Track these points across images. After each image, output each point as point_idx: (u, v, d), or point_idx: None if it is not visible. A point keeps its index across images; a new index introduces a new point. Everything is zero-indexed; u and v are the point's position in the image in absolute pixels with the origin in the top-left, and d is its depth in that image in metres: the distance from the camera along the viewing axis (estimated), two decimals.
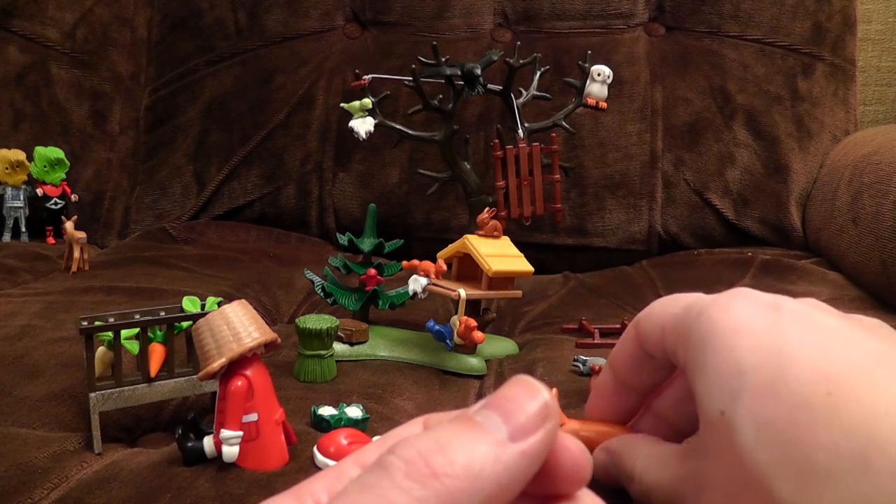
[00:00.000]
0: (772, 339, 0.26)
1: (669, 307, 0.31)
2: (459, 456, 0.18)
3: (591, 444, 0.35)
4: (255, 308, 0.52)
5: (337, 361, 0.69)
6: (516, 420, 0.19)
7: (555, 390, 0.32)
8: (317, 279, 0.79)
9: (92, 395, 0.52)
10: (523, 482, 0.19)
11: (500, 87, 0.83)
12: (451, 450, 0.18)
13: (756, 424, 0.25)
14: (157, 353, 0.54)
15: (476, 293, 0.70)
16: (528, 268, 0.73)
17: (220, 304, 0.57)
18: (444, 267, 0.71)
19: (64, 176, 1.22)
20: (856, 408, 0.23)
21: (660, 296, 1.02)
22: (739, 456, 0.25)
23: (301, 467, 0.50)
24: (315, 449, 0.51)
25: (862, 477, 0.22)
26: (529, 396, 0.19)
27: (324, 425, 0.55)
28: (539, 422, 0.19)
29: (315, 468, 0.49)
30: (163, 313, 0.56)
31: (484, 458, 0.18)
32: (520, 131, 0.82)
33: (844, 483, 0.23)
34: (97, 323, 0.52)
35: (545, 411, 0.19)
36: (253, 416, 0.49)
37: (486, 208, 0.77)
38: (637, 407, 0.35)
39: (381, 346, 0.74)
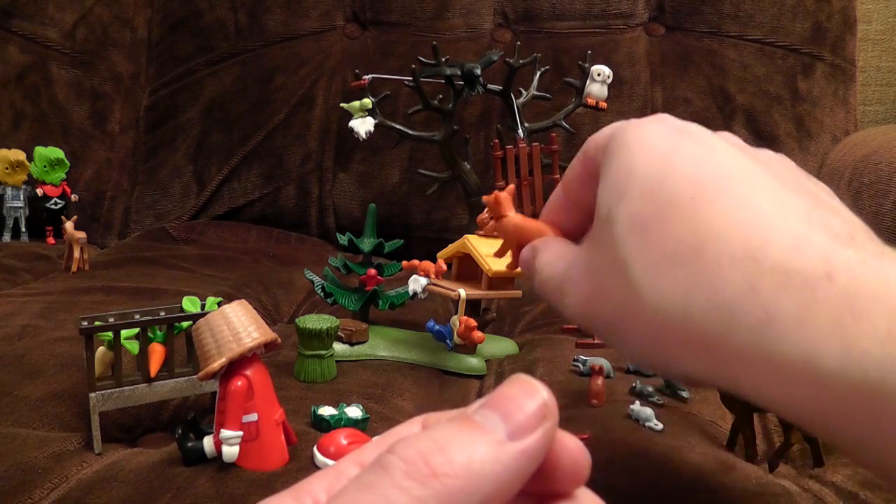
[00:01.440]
0: (665, 152, 0.29)
1: (609, 128, 0.34)
2: (459, 455, 0.18)
3: (524, 235, 0.39)
4: (255, 308, 0.52)
5: (337, 361, 0.69)
6: (515, 419, 0.19)
7: (511, 187, 0.37)
8: (317, 279, 0.79)
9: (92, 395, 0.52)
10: (522, 481, 0.19)
11: (500, 87, 0.83)
12: (450, 449, 0.18)
13: (629, 219, 0.29)
14: (157, 353, 0.54)
15: (476, 293, 0.70)
16: None
17: (220, 304, 0.57)
18: (444, 267, 0.72)
19: (64, 176, 1.22)
20: (708, 208, 0.27)
21: None
22: (613, 246, 0.29)
23: (301, 467, 0.50)
24: (315, 449, 0.51)
25: (697, 262, 0.26)
26: (528, 396, 0.19)
27: (324, 425, 0.55)
28: (537, 421, 0.19)
29: (315, 468, 0.49)
30: (163, 313, 0.56)
31: (483, 458, 0.18)
32: (520, 131, 0.82)
33: (684, 268, 0.27)
34: (97, 323, 0.52)
35: (543, 410, 0.19)
36: (253, 416, 0.49)
37: (486, 208, 0.77)
38: (584, 224, 0.37)
39: (381, 346, 0.74)
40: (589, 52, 0.86)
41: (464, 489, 0.17)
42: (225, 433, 0.48)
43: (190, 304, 0.57)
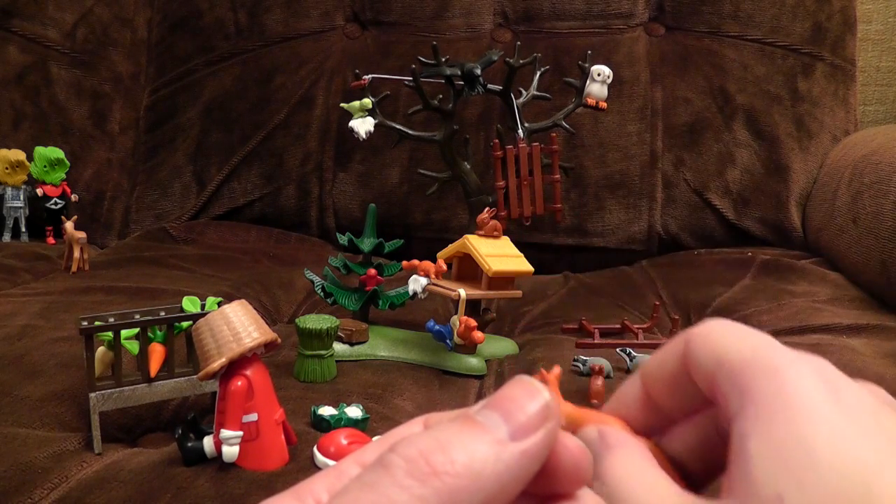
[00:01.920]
0: (853, 443, 0.23)
1: (734, 341, 0.27)
2: (460, 455, 0.18)
3: (579, 425, 0.30)
4: (255, 308, 0.52)
5: (337, 361, 0.69)
6: (517, 420, 0.19)
7: (557, 369, 0.29)
8: (317, 279, 0.79)
9: (92, 395, 0.52)
10: (524, 481, 0.19)
11: (500, 87, 0.83)
12: (451, 448, 0.18)
13: None
14: (157, 353, 0.54)
15: (476, 293, 0.70)
16: (528, 268, 0.73)
17: (220, 304, 0.57)
18: (444, 267, 0.72)
19: (64, 176, 1.22)
20: None
21: (660, 296, 1.02)
22: None
23: (301, 467, 0.50)
24: (315, 449, 0.51)
25: None
26: (530, 396, 0.19)
27: (324, 425, 0.55)
28: (539, 421, 0.19)
29: (315, 468, 0.49)
30: (163, 313, 0.56)
31: (485, 457, 0.18)
32: (520, 131, 0.82)
33: None
34: (97, 323, 0.52)
35: (546, 411, 0.19)
36: (253, 416, 0.49)
37: (486, 208, 0.77)
38: (659, 428, 0.30)
39: (381, 346, 0.74)
40: (589, 52, 0.86)
41: (465, 488, 0.17)
42: (225, 433, 0.48)
43: (190, 304, 0.57)
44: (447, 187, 0.93)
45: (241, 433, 0.48)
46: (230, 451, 0.48)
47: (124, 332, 0.53)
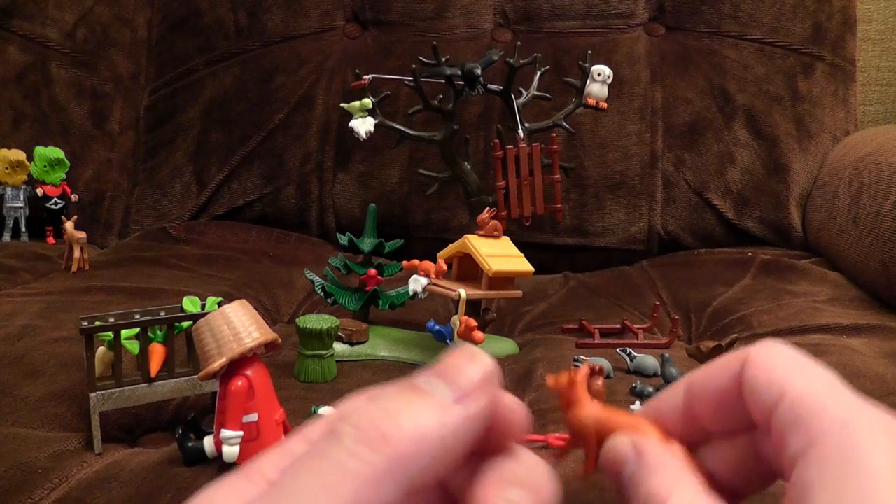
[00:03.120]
0: None
1: (800, 376, 0.25)
2: (407, 420, 0.19)
3: (608, 431, 0.28)
4: (255, 308, 0.52)
5: (337, 361, 0.69)
6: (460, 386, 0.20)
7: (585, 368, 0.30)
8: (317, 279, 0.79)
9: (92, 395, 0.52)
10: (469, 444, 0.20)
11: (501, 87, 0.83)
12: (398, 415, 0.19)
13: None
14: (157, 353, 0.54)
15: (476, 293, 0.70)
16: (529, 268, 0.73)
17: (220, 304, 0.57)
18: (444, 267, 0.71)
19: (64, 176, 1.22)
20: None
21: (660, 296, 1.01)
22: None
23: None
24: None
25: None
26: (471, 362, 0.21)
27: None
28: (481, 386, 0.20)
29: None
30: (163, 313, 0.56)
31: (430, 423, 0.19)
32: (520, 131, 0.82)
33: None
34: (97, 323, 0.52)
35: (487, 376, 0.20)
36: (253, 416, 0.49)
37: (487, 208, 0.77)
38: (695, 440, 0.28)
39: (381, 346, 0.74)
40: (589, 52, 0.86)
41: (414, 453, 0.18)
42: (225, 433, 0.48)
43: (190, 304, 0.57)
44: (447, 187, 0.93)
45: (241, 433, 0.48)
46: (230, 451, 0.48)
47: (124, 332, 0.53)
